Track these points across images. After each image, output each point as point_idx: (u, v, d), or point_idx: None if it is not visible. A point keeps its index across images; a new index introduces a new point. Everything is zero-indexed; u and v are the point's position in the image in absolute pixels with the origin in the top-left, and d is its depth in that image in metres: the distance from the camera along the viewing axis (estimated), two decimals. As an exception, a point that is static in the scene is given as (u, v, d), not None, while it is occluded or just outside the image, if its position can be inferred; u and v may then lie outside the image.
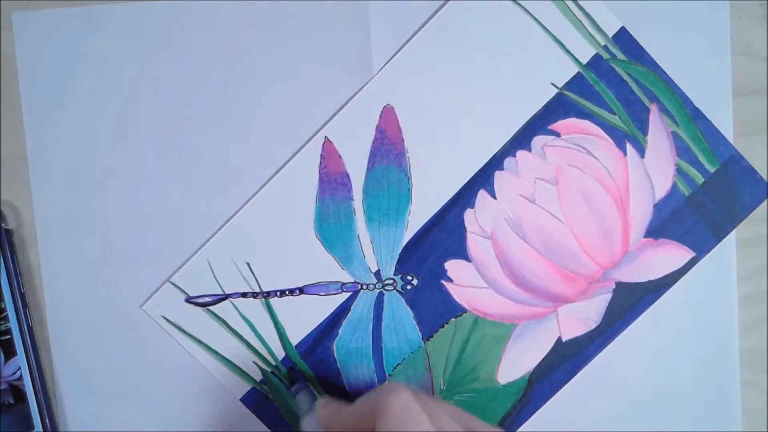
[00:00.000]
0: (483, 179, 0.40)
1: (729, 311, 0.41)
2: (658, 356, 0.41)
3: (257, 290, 0.40)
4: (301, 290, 0.40)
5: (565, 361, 0.41)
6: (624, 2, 0.40)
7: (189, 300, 0.40)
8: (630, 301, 0.40)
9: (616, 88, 0.40)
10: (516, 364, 0.41)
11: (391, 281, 0.41)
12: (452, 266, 0.40)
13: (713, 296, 0.41)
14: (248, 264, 0.40)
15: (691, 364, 0.41)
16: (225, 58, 0.40)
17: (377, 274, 0.41)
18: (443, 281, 0.41)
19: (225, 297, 0.41)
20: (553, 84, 0.40)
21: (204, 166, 0.40)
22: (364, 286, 0.41)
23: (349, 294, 0.41)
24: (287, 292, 0.40)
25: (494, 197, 0.40)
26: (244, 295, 0.40)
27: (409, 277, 0.40)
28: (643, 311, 0.41)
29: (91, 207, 0.40)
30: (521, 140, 0.40)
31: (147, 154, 0.40)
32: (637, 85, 0.40)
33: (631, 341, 0.41)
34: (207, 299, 0.40)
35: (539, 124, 0.40)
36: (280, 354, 0.41)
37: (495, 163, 0.40)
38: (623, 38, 0.40)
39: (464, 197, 0.40)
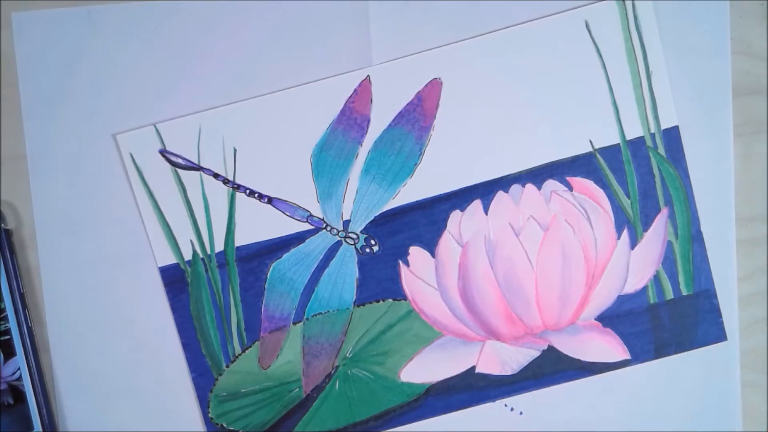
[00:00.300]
0: (485, 191, 0.40)
1: (729, 311, 0.41)
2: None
3: (231, 179, 0.39)
4: (270, 200, 0.40)
5: (468, 390, 0.41)
6: (624, 2, 0.40)
7: (163, 152, 0.39)
8: (550, 369, 0.41)
9: (642, 176, 0.40)
10: (423, 369, 0.41)
11: (354, 236, 0.40)
12: (416, 253, 0.40)
13: (713, 297, 0.41)
14: (235, 149, 0.39)
15: (691, 364, 0.41)
16: (225, 58, 0.39)
17: (346, 223, 0.40)
18: (401, 262, 0.40)
19: (198, 168, 0.39)
20: (590, 141, 0.40)
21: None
22: (328, 228, 0.40)
23: (311, 228, 0.40)
24: (256, 195, 0.40)
25: (486, 212, 0.40)
26: (216, 175, 0.39)
27: (373, 242, 0.40)
28: (554, 384, 0.41)
29: (91, 207, 0.40)
30: (536, 175, 0.40)
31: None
32: (662, 184, 0.40)
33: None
34: (180, 161, 0.39)
35: (560, 170, 0.40)
36: (219, 247, 0.40)
37: (503, 183, 0.40)
38: (672, 136, 0.40)
39: (460, 198, 0.40)
